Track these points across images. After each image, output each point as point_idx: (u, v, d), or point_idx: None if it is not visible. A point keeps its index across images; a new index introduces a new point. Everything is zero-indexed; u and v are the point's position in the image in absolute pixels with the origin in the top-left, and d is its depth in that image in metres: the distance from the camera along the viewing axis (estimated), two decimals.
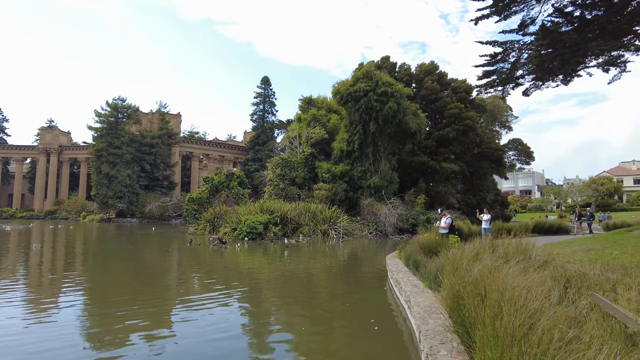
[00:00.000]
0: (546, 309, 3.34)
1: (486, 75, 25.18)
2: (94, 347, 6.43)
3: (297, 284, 12.38)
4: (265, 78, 76.28)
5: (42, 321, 7.95)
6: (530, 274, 4.37)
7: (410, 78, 47.48)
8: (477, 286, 4.41)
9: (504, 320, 3.26)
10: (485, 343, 3.43)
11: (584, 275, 4.16)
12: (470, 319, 4.18)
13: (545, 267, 5.17)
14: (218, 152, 79.42)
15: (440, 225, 16.32)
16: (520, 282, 3.98)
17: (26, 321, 7.90)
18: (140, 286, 11.89)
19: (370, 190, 33.53)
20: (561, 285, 3.85)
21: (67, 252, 21.55)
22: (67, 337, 6.85)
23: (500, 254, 6.29)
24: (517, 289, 3.75)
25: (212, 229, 30.71)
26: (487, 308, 3.69)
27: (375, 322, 7.84)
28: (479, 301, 4.11)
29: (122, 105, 60.13)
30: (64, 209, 66.00)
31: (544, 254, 6.52)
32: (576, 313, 3.24)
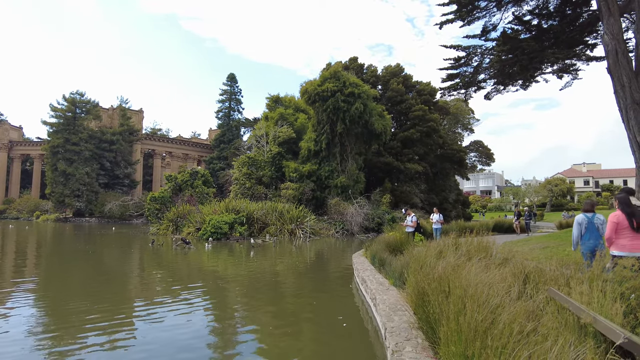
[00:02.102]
0: (507, 304, 3.48)
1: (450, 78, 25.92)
2: (49, 356, 6.12)
3: (263, 284, 12.28)
4: (231, 75, 75.13)
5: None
6: (491, 271, 4.55)
7: (377, 79, 48.23)
8: (442, 283, 4.54)
9: (467, 316, 3.37)
10: (449, 338, 3.54)
11: (541, 272, 4.37)
12: (435, 316, 4.29)
13: (506, 264, 5.39)
14: (182, 150, 77.56)
15: (408, 223, 16.70)
16: (482, 278, 4.13)
17: None
18: (99, 290, 11.40)
19: (337, 189, 33.75)
20: (520, 281, 4.03)
21: (17, 255, 20.39)
22: (19, 348, 6.49)
23: (463, 251, 6.51)
24: (480, 285, 3.89)
25: (175, 229, 29.95)
26: (451, 304, 3.80)
27: (342, 320, 7.90)
28: (443, 298, 4.23)
29: (80, 100, 57.52)
30: (15, 208, 62.44)
31: (504, 252, 6.80)
32: (534, 307, 3.40)
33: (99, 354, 6.13)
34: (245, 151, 46.34)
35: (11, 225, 44.61)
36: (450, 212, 43.45)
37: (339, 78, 34.98)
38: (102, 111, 62.44)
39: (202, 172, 40.29)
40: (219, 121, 75.15)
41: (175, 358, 6.03)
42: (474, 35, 23.15)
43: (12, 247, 23.71)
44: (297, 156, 37.53)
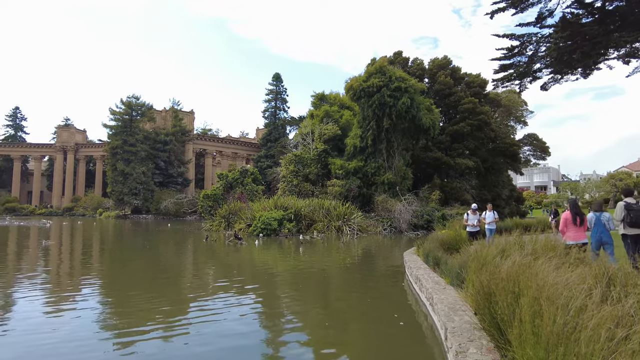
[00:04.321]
0: (590, 307, 3.24)
1: (503, 68, 24.80)
2: (110, 343, 6.51)
3: (313, 280, 12.38)
4: (276, 75, 76.28)
5: (62, 317, 8.09)
6: (564, 272, 4.27)
7: (423, 73, 47.04)
8: (510, 283, 4.33)
9: (545, 319, 3.18)
10: (524, 342, 3.35)
11: (627, 274, 4.04)
12: (504, 317, 4.10)
13: (579, 264, 5.06)
14: (231, 149, 79.85)
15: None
16: (558, 279, 3.88)
17: (47, 318, 8.05)
18: (158, 284, 12.00)
19: (384, 186, 33.33)
20: (603, 283, 3.74)
21: (85, 249, 21.92)
22: (85, 332, 6.97)
23: (529, 250, 6.19)
24: (556, 286, 3.65)
25: (227, 225, 30.91)
26: (525, 306, 3.60)
27: (397, 318, 7.80)
28: (513, 299, 4.03)
29: (136, 103, 60.80)
30: (81, 205, 67.16)
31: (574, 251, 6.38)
32: (623, 312, 3.14)
33: (158, 345, 6.44)
34: (292, 149, 46.89)
35: (79, 221, 48.07)
36: (503, 208, 41.58)
37: (385, 73, 34.47)
38: (156, 113, 65.62)
39: (252, 170, 41.28)
40: (266, 120, 76.63)
41: (228, 350, 6.21)
42: (527, 23, 21.95)
43: (82, 242, 25.52)
44: (342, 153, 37.45)
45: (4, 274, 12.95)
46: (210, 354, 5.95)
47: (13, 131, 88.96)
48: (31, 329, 7.10)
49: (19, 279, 12.09)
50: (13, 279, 12.06)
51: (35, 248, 20.18)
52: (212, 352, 6.01)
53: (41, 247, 20.15)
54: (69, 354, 5.97)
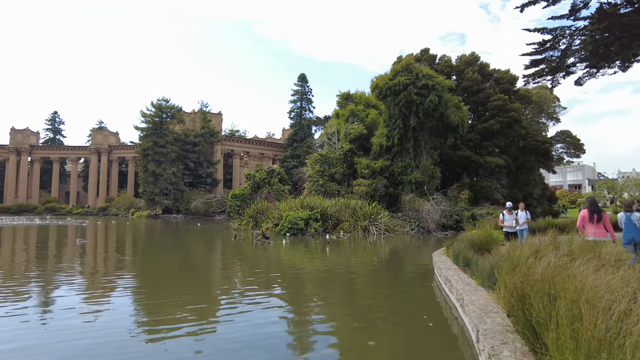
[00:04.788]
0: (635, 312, 3.08)
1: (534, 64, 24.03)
2: (142, 337, 6.69)
3: (340, 279, 12.35)
4: (302, 75, 76.61)
5: (98, 311, 8.39)
6: (605, 274, 4.08)
7: (451, 70, 46.13)
8: (545, 285, 4.17)
9: (585, 323, 3.04)
10: (562, 346, 3.22)
11: None
12: (539, 320, 3.95)
13: (620, 266, 4.82)
14: (258, 149, 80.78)
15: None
16: (598, 282, 3.71)
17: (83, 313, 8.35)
18: (188, 281, 12.28)
19: (411, 185, 32.90)
20: None
21: (119, 247, 22.67)
22: (118, 328, 7.18)
23: (565, 251, 5.95)
24: (596, 289, 3.49)
25: (254, 224, 31.29)
26: (562, 309, 3.46)
27: (426, 320, 7.69)
28: (549, 301, 3.87)
29: (166, 106, 62.37)
30: (115, 205, 69.50)
31: (614, 252, 6.11)
32: None
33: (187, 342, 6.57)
34: (317, 149, 46.98)
35: (113, 221, 49.80)
36: (535, 208, 40.26)
37: (411, 70, 34.02)
38: (185, 115, 67.15)
39: (278, 170, 41.64)
40: (291, 121, 77.11)
41: (256, 348, 6.25)
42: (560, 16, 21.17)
43: (116, 241, 26.41)
44: (368, 152, 37.23)
45: (45, 270, 13.56)
46: (238, 352, 6.02)
47: (52, 134, 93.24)
48: (69, 323, 7.40)
49: (59, 275, 12.63)
50: (53, 275, 12.61)
51: (73, 246, 21.01)
52: (240, 351, 6.08)
53: (77, 246, 20.95)
54: (104, 348, 6.18)
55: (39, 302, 9.14)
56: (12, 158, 79.34)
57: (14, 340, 6.48)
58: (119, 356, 5.76)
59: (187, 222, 47.78)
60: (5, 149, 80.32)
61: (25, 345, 6.25)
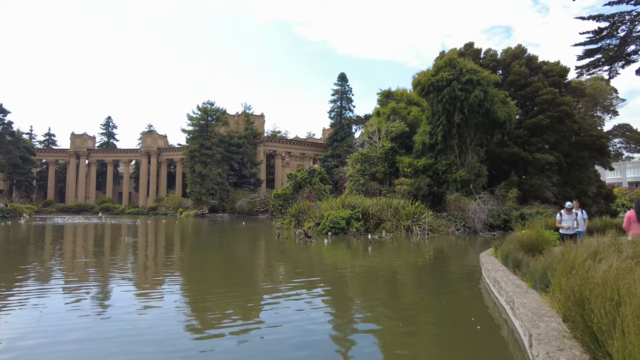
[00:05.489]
0: None
1: (588, 54, 22.70)
2: (188, 337, 6.91)
3: (383, 279, 12.24)
4: (342, 75, 76.55)
5: (148, 307, 8.82)
6: None
7: (497, 64, 44.35)
8: (607, 289, 3.92)
9: None
10: (630, 356, 2.99)
11: None
12: (601, 326, 3.72)
13: None
14: (299, 149, 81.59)
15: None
16: None
17: (136, 309, 8.80)
18: (233, 278, 12.64)
19: (456, 184, 32.00)
20: None
21: (169, 245, 23.70)
22: (166, 326, 7.49)
23: (628, 253, 5.56)
24: None
25: (296, 223, 31.66)
26: (629, 315, 3.23)
27: (474, 322, 7.46)
28: (611, 307, 3.64)
29: (211, 109, 64.48)
30: (164, 205, 72.61)
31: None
32: None
33: (233, 339, 6.76)
34: (358, 148, 46.73)
35: (163, 220, 52.13)
36: (590, 207, 37.89)
37: (455, 66, 33.08)
38: (229, 117, 69.09)
39: (319, 170, 41.90)
40: (332, 120, 77.24)
41: (300, 347, 6.33)
42: (619, 1, 19.83)
43: (167, 239, 27.64)
44: (411, 151, 36.58)
45: (102, 266, 14.43)
46: (281, 352, 6.09)
47: (106, 138, 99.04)
48: (122, 318, 7.83)
49: (114, 272, 13.41)
50: (109, 272, 13.40)
51: (125, 244, 22.18)
52: (282, 351, 6.15)
53: (129, 244, 22.08)
54: (155, 344, 6.49)
55: (95, 298, 9.73)
56: (72, 161, 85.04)
57: (74, 331, 6.97)
58: (167, 354, 5.97)
59: (232, 221, 49.14)
60: (66, 152, 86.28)
61: (82, 338, 6.69)
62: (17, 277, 11.85)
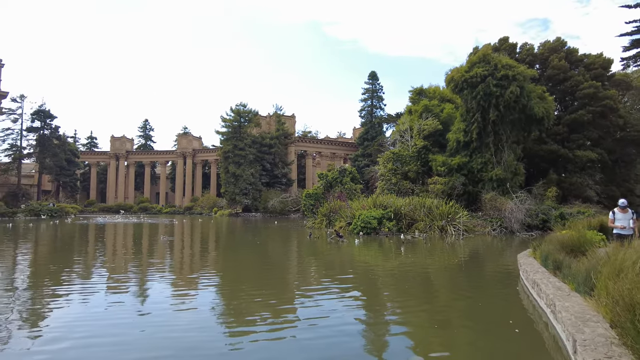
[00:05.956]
0: None
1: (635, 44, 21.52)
2: (222, 336, 7.04)
3: (416, 280, 12.10)
4: (372, 73, 75.95)
5: (184, 303, 9.11)
6: None
7: (534, 58, 42.78)
8: None
9: None
10: None
11: None
12: None
13: None
14: (329, 149, 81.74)
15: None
16: None
17: (171, 305, 9.13)
18: (267, 276, 12.85)
19: (492, 183, 31.15)
20: None
21: (205, 244, 24.33)
22: (200, 323, 7.70)
23: None
24: None
25: (328, 223, 31.77)
26: None
27: (512, 325, 7.28)
28: None
29: (243, 111, 65.76)
30: (199, 205, 74.62)
31: None
32: None
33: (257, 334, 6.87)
34: (389, 147, 46.26)
35: (200, 219, 53.60)
36: (638, 206, 35.98)
37: (489, 61, 32.21)
38: (261, 119, 70.20)
39: (350, 169, 41.88)
40: (362, 119, 76.83)
41: (332, 347, 6.34)
42: None
43: (203, 238, 28.41)
44: (444, 149, 35.90)
45: (141, 264, 15.03)
46: (314, 351, 6.13)
47: (144, 140, 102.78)
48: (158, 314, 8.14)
49: (152, 270, 13.93)
50: (148, 269, 13.93)
51: (162, 243, 22.94)
52: (315, 351, 6.19)
53: (166, 243, 22.81)
54: (192, 341, 6.71)
55: (134, 295, 10.15)
56: (112, 163, 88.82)
57: (114, 327, 7.32)
58: (201, 353, 6.13)
59: (265, 220, 49.87)
60: (106, 155, 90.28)
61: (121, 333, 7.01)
62: (64, 273, 12.58)
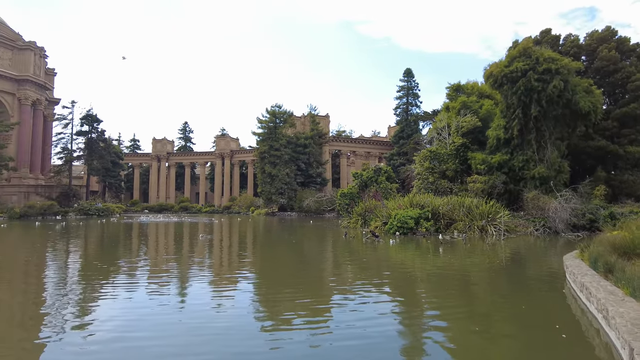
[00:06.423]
0: None
1: None
2: (259, 333, 7.16)
3: (456, 282, 11.87)
4: (407, 70, 74.91)
5: (223, 301, 9.37)
6: None
7: (579, 50, 40.75)
8: None
9: None
10: None
11: None
12: None
13: None
14: (364, 148, 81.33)
15: None
16: None
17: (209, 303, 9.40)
18: (303, 275, 12.99)
19: (535, 181, 29.97)
20: None
21: (244, 242, 24.88)
22: (241, 321, 7.84)
23: None
24: None
25: (363, 222, 31.65)
26: None
27: (559, 330, 7.01)
28: None
29: (278, 112, 66.81)
30: (237, 204, 76.36)
31: None
32: None
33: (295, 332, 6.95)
34: (426, 145, 45.44)
35: (239, 218, 54.91)
36: None
37: (530, 55, 30.97)
38: (295, 119, 71.00)
39: (385, 168, 41.53)
40: (397, 117, 75.92)
41: (369, 348, 6.30)
42: None
43: (243, 236, 29.08)
44: (483, 146, 34.88)
45: (181, 260, 15.60)
46: (352, 353, 6.12)
47: (184, 142, 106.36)
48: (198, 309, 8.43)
49: (193, 265, 14.42)
50: (189, 264, 14.44)
51: (203, 240, 23.63)
52: (352, 350, 6.20)
53: (205, 241, 23.47)
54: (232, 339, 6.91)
55: (175, 292, 10.55)
56: (154, 164, 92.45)
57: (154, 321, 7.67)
58: (242, 348, 6.30)
59: (300, 219, 50.34)
60: (148, 156, 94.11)
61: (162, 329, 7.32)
62: (111, 269, 13.30)
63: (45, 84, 69.25)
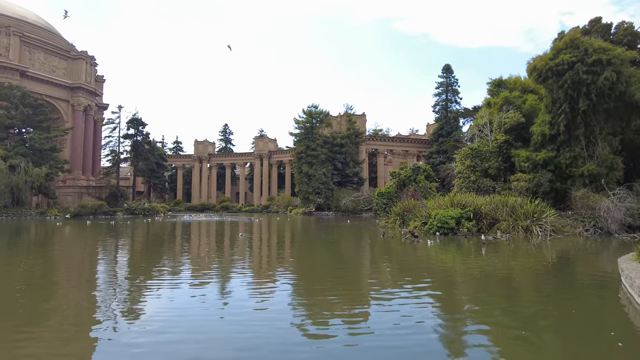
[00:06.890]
0: None
1: None
2: (299, 335, 7.18)
3: (500, 284, 11.52)
4: (446, 66, 73.24)
5: (263, 301, 9.57)
6: None
7: (634, 38, 38.08)
8: None
9: None
10: None
11: None
12: None
13: None
14: (401, 147, 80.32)
15: None
16: None
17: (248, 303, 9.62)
18: (341, 276, 12.97)
19: (584, 179, 28.46)
20: None
21: (282, 242, 25.29)
22: (281, 321, 7.89)
23: None
24: None
25: (401, 222, 31.27)
26: None
27: (614, 338, 6.68)
28: None
29: (315, 112, 67.31)
30: (275, 204, 77.67)
31: None
32: None
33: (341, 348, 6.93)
34: (466, 143, 44.21)
35: (278, 218, 55.89)
36: None
37: (578, 46, 29.40)
38: (332, 119, 71.23)
39: (424, 167, 40.83)
40: (436, 114, 74.45)
41: (409, 352, 6.24)
42: None
43: (281, 235, 29.59)
44: (527, 143, 33.50)
45: (222, 260, 16.09)
46: (391, 355, 6.07)
47: (224, 144, 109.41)
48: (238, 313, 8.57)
49: (233, 264, 14.85)
50: (229, 264, 14.88)
51: (242, 239, 24.22)
52: (392, 354, 6.15)
53: (245, 240, 24.02)
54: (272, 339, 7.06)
55: (216, 291, 10.86)
56: (196, 165, 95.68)
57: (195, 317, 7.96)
58: (284, 346, 6.44)
59: (337, 219, 50.43)
60: (191, 157, 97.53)
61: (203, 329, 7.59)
62: (156, 267, 13.98)
63: (95, 91, 73.48)
